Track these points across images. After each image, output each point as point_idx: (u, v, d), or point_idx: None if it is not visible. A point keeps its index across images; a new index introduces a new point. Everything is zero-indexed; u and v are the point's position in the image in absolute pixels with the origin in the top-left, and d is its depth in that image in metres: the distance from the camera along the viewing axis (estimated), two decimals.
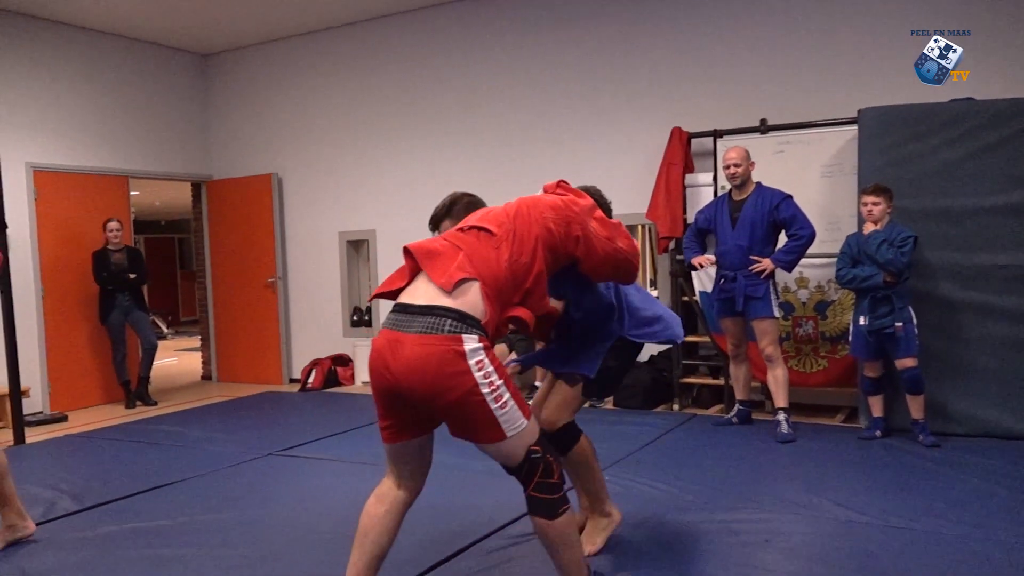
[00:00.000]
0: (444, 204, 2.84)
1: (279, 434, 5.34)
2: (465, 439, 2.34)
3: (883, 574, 2.76)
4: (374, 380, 2.30)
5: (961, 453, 4.34)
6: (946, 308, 4.81)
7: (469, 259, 2.30)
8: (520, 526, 3.35)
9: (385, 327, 2.29)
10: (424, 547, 3.11)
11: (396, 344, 2.22)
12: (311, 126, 7.82)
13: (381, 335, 2.29)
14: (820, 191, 5.52)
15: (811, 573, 2.79)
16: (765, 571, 2.82)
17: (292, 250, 7.97)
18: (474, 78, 7.04)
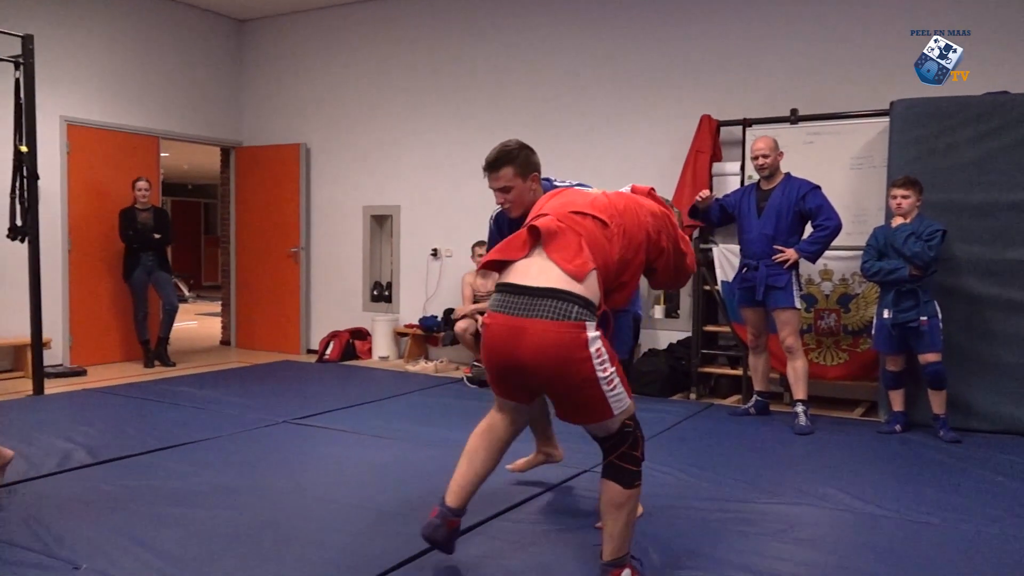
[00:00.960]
0: (510, 148, 2.93)
1: (295, 403, 5.37)
2: (572, 420, 2.41)
3: (898, 567, 2.73)
4: (493, 359, 2.38)
5: (981, 449, 4.29)
6: (972, 303, 4.74)
7: (590, 247, 2.35)
8: (531, 506, 3.34)
9: (500, 310, 2.32)
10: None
11: (520, 330, 2.25)
12: (341, 99, 7.82)
13: (499, 319, 2.32)
14: (848, 183, 5.45)
15: (826, 564, 2.76)
16: (779, 560, 2.79)
17: (316, 221, 7.99)
18: (503, 61, 6.99)
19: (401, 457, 4.06)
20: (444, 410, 5.25)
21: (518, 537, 2.98)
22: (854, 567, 2.72)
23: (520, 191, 2.99)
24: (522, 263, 2.36)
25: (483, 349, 2.44)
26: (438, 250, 7.36)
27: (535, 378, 2.30)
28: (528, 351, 2.25)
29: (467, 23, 7.17)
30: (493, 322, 2.35)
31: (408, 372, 6.76)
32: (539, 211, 2.60)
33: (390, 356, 7.37)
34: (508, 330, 2.28)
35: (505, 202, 3.04)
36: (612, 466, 2.39)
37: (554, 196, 2.67)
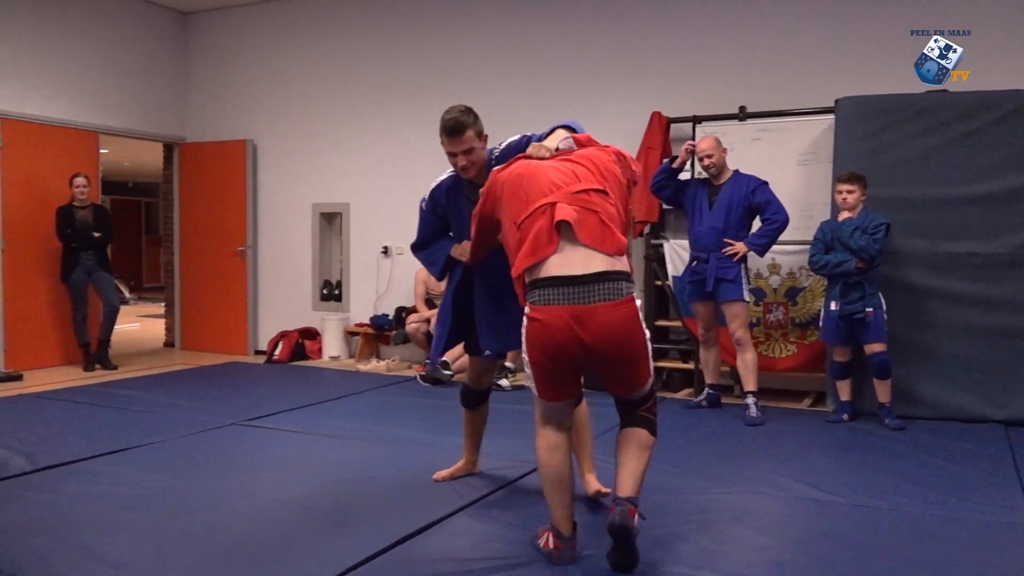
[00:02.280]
0: (465, 111, 3.08)
1: (243, 404, 5.25)
2: (620, 389, 2.61)
3: (853, 551, 2.78)
4: (554, 351, 2.44)
5: (926, 435, 4.41)
6: (915, 295, 4.86)
7: (610, 221, 2.50)
8: (488, 503, 3.33)
9: (557, 302, 2.39)
10: (393, 522, 3.06)
11: (584, 317, 2.37)
12: (289, 94, 7.68)
13: (556, 311, 2.39)
14: (795, 179, 5.55)
15: (783, 550, 2.80)
16: (737, 548, 2.83)
17: (263, 219, 7.84)
18: (454, 57, 6.95)
19: (356, 457, 4.00)
20: (397, 409, 5.20)
21: (479, 533, 2.96)
22: (811, 552, 2.77)
23: (479, 152, 3.11)
24: (557, 257, 2.44)
25: (539, 343, 2.46)
26: (389, 248, 7.28)
27: (598, 359, 2.44)
28: (595, 335, 2.38)
29: (417, 19, 7.11)
30: (550, 315, 2.40)
31: (360, 371, 6.67)
32: (518, 189, 2.60)
33: (341, 355, 7.27)
34: (572, 319, 2.38)
35: (468, 164, 3.10)
36: (640, 416, 2.63)
37: (527, 172, 2.66)
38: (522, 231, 2.53)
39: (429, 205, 3.38)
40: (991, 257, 4.74)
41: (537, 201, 2.54)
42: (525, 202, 2.57)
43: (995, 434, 4.44)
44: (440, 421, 4.77)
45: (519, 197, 2.61)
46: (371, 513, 3.15)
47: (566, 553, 2.64)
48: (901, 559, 2.71)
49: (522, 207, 2.57)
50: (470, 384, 3.49)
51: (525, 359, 2.58)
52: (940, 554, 2.76)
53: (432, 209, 3.37)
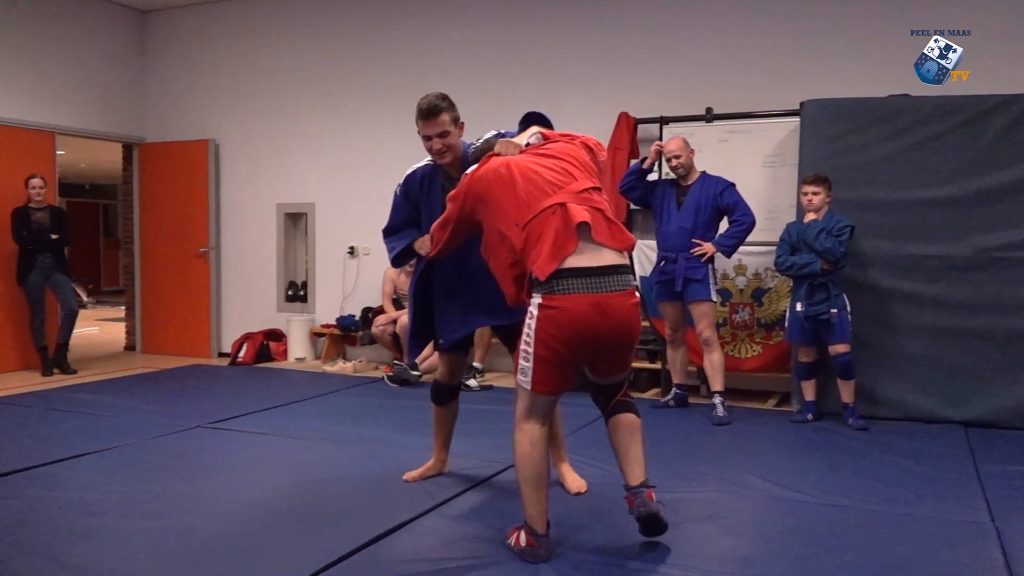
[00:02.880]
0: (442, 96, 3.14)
1: (208, 406, 5.17)
2: (612, 373, 2.75)
3: (821, 548, 2.81)
4: (576, 336, 2.51)
5: (888, 435, 4.48)
6: (878, 296, 4.94)
7: (615, 218, 2.65)
8: (459, 503, 3.31)
9: (581, 291, 2.49)
10: (364, 523, 3.04)
11: (604, 304, 2.50)
12: (252, 93, 7.58)
13: (581, 298, 2.48)
14: (761, 181, 5.61)
15: (753, 548, 2.83)
16: (707, 545, 2.85)
17: (227, 220, 7.73)
18: (422, 57, 6.92)
19: (324, 458, 3.96)
20: (365, 410, 5.15)
21: (451, 533, 2.94)
22: (779, 550, 2.79)
23: (454, 137, 3.15)
24: (581, 250, 2.53)
25: (556, 331, 2.50)
26: (355, 248, 7.22)
27: (607, 346, 2.58)
28: (612, 322, 2.52)
29: (384, 18, 7.07)
30: (573, 303, 2.49)
31: (326, 373, 6.61)
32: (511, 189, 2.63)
33: (306, 357, 7.19)
34: (593, 307, 2.49)
35: (443, 147, 3.13)
36: (622, 403, 2.79)
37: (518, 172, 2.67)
38: (529, 232, 2.57)
39: (403, 191, 3.38)
40: (951, 260, 4.83)
41: (541, 201, 2.58)
42: (526, 203, 2.60)
43: (954, 434, 4.53)
44: (408, 422, 4.75)
45: (516, 198, 2.62)
46: (341, 514, 3.11)
47: (540, 550, 2.64)
48: (868, 556, 2.75)
49: (523, 208, 2.60)
50: (441, 380, 3.49)
51: (527, 351, 2.57)
52: (905, 551, 2.80)
53: (405, 195, 3.37)
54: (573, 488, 3.38)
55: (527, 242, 2.57)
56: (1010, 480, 3.64)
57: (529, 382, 2.61)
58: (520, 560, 2.67)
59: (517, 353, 2.66)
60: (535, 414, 2.66)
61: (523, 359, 2.61)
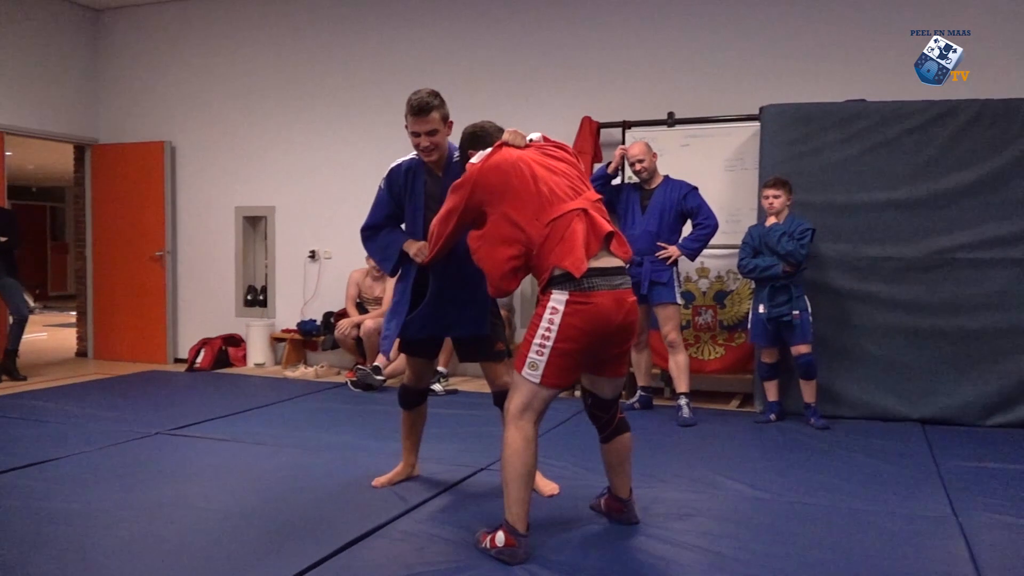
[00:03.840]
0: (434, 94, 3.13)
1: (167, 413, 5.06)
2: (616, 374, 2.88)
3: (796, 546, 2.85)
4: (600, 329, 2.64)
5: (849, 434, 4.57)
6: (838, 297, 5.04)
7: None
8: (431, 506, 3.29)
9: (605, 288, 2.64)
10: (335, 529, 2.99)
11: (622, 300, 2.68)
12: (210, 94, 7.45)
13: (607, 294, 2.63)
14: (723, 184, 5.68)
15: (729, 547, 2.84)
16: (679, 544, 2.86)
17: (183, 223, 7.58)
18: (383, 57, 6.88)
19: (291, 464, 3.89)
20: (329, 415, 5.09)
21: (422, 539, 2.91)
22: (755, 549, 2.82)
23: (443, 136, 3.15)
24: (598, 253, 2.69)
25: (584, 325, 2.61)
26: (316, 252, 7.14)
27: (620, 338, 2.74)
28: (627, 316, 2.70)
29: (345, 19, 7.01)
30: (603, 298, 2.63)
31: (287, 378, 6.51)
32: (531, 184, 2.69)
33: (266, 362, 7.07)
34: (615, 301, 2.65)
35: (431, 145, 3.13)
36: (622, 421, 2.99)
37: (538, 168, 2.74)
38: (552, 229, 2.65)
39: (386, 184, 3.32)
40: (907, 261, 4.95)
41: (565, 203, 2.69)
42: (549, 201, 2.68)
43: (913, 432, 4.64)
44: (374, 427, 4.70)
45: (537, 194, 2.69)
46: (312, 520, 3.06)
47: (520, 550, 2.64)
48: (841, 552, 2.79)
49: (546, 206, 2.67)
50: (408, 384, 3.45)
51: (544, 344, 2.62)
52: (875, 547, 2.85)
53: (389, 189, 3.31)
54: (546, 491, 3.38)
55: (548, 239, 2.65)
56: (968, 475, 3.73)
57: (539, 375, 2.65)
58: (496, 562, 2.65)
59: (524, 347, 2.69)
60: (533, 410, 2.69)
61: (535, 353, 2.64)
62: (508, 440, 2.67)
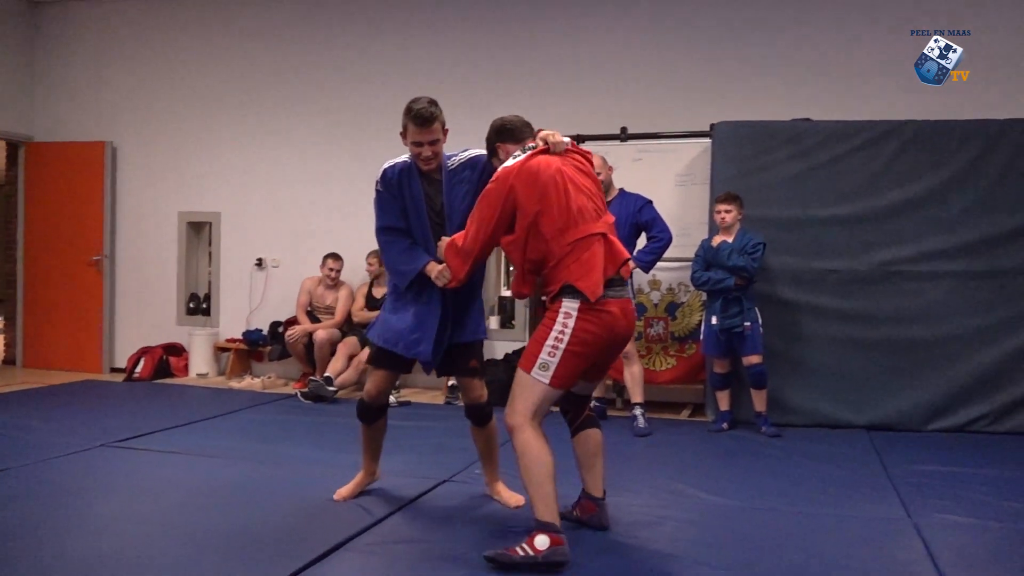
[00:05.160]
0: (433, 102, 3.06)
1: (110, 424, 4.87)
2: (599, 378, 3.06)
3: (762, 551, 2.91)
4: (605, 336, 2.75)
5: (800, 441, 4.69)
6: (786, 309, 5.17)
7: None
8: (397, 519, 3.25)
9: (617, 297, 2.78)
10: (301, 543, 2.93)
11: (625, 308, 2.82)
12: (155, 95, 7.24)
13: (615, 303, 2.75)
14: (674, 199, 5.77)
15: (697, 553, 2.87)
16: (655, 553, 2.90)
17: (123, 227, 7.33)
18: (336, 65, 6.81)
19: (246, 478, 3.79)
20: (281, 427, 4.98)
21: (389, 553, 2.87)
22: (722, 555, 2.86)
23: (442, 145, 3.13)
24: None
25: (602, 331, 2.72)
26: (263, 260, 6.99)
27: (621, 343, 2.87)
28: (630, 323, 2.85)
29: (296, 25, 6.91)
30: (616, 307, 2.76)
31: (232, 389, 6.34)
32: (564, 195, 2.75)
33: (209, 373, 6.89)
34: (621, 309, 2.78)
35: (432, 154, 3.09)
36: (590, 417, 3.10)
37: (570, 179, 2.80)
38: (574, 248, 2.74)
39: (384, 187, 3.20)
40: (852, 274, 5.12)
41: (589, 224, 2.78)
42: (575, 221, 2.75)
43: (859, 438, 4.79)
44: (329, 438, 4.62)
45: (567, 210, 2.75)
46: (277, 535, 2.99)
47: (566, 547, 2.61)
48: (807, 557, 2.86)
49: (572, 224, 2.75)
50: (368, 399, 3.34)
51: (557, 347, 2.69)
52: (839, 550, 2.93)
53: (388, 190, 3.20)
54: (512, 503, 3.37)
55: (568, 256, 2.73)
56: (917, 479, 3.87)
57: (550, 376, 2.72)
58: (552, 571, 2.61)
59: (534, 350, 2.73)
60: (539, 413, 2.76)
61: (547, 355, 2.71)
62: (525, 445, 2.69)
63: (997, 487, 3.73)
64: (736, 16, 5.95)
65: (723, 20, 5.98)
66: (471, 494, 3.56)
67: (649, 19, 6.13)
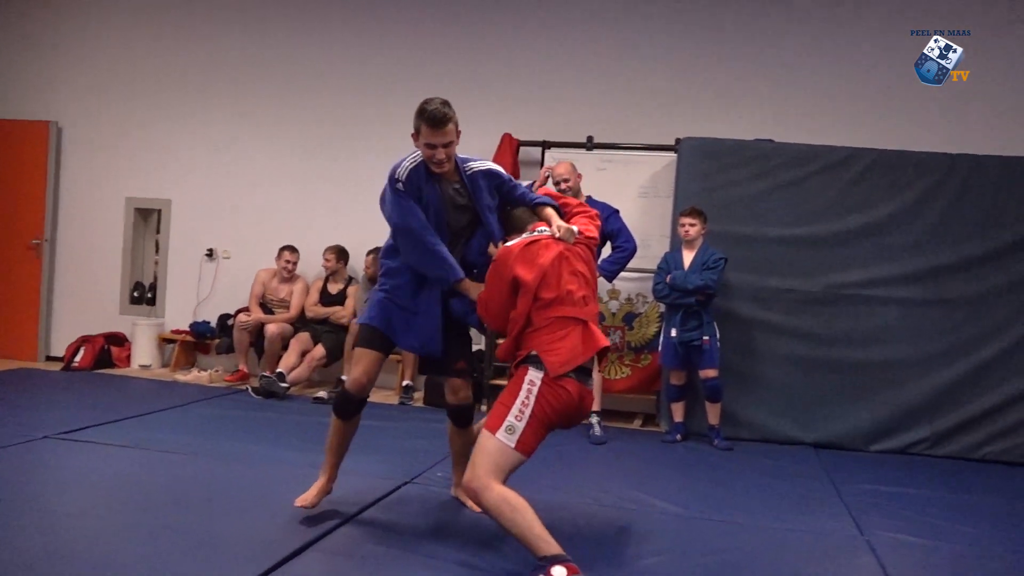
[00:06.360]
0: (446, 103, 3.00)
1: (52, 416, 4.69)
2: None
3: (727, 564, 2.96)
4: (563, 411, 2.81)
5: (751, 455, 4.79)
6: (742, 325, 5.28)
7: None
8: (365, 519, 3.21)
9: (573, 379, 2.81)
10: (267, 544, 2.87)
11: (583, 395, 2.86)
12: (105, 76, 6.99)
13: (574, 385, 2.81)
14: (635, 210, 5.84)
15: (664, 564, 2.91)
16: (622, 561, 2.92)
17: (66, 211, 7.06)
18: (292, 56, 6.69)
19: (204, 473, 3.70)
20: (234, 422, 4.86)
21: (357, 553, 2.84)
22: (691, 566, 2.90)
23: (455, 146, 3.05)
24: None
25: (561, 402, 2.78)
26: (214, 250, 6.82)
27: (575, 423, 2.97)
28: (584, 409, 2.92)
29: (251, 11, 6.76)
30: (571, 386, 2.82)
31: (178, 382, 6.16)
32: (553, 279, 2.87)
33: (153, 364, 6.68)
34: (579, 395, 2.85)
35: (445, 158, 3.03)
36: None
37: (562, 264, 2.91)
38: (552, 324, 2.83)
39: (406, 192, 3.06)
40: (807, 294, 5.26)
41: (574, 308, 2.87)
42: (561, 300, 2.85)
43: (807, 455, 4.92)
44: (283, 435, 4.55)
45: (558, 288, 2.86)
46: (241, 535, 2.92)
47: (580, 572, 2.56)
48: (769, 571, 2.92)
49: (557, 303, 2.84)
50: (351, 389, 3.16)
51: (524, 412, 2.74)
52: (799, 564, 3.02)
53: (406, 188, 3.06)
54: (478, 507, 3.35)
55: (544, 329, 2.83)
56: (866, 496, 3.99)
57: (516, 439, 2.73)
58: (432, 572, 2.61)
59: (501, 411, 2.76)
60: (502, 476, 2.73)
61: (514, 417, 2.74)
62: (498, 501, 2.65)
63: (943, 509, 3.87)
64: (707, 32, 6.06)
65: (693, 36, 6.07)
66: (436, 496, 3.56)
67: (619, 30, 6.19)
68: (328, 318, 6.21)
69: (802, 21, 5.94)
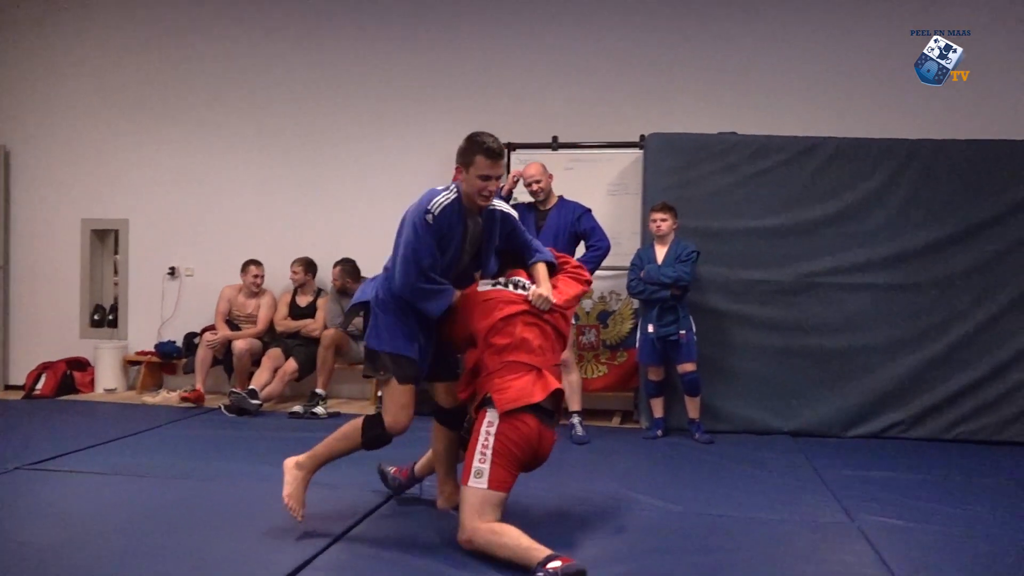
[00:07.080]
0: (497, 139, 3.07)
1: (20, 445, 4.53)
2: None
3: (721, 557, 2.96)
4: (525, 444, 2.93)
5: (732, 447, 4.83)
6: (716, 318, 5.31)
7: None
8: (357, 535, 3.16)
9: (532, 415, 2.94)
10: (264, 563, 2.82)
11: (543, 434, 3.00)
12: (55, 96, 6.81)
13: (533, 421, 2.94)
14: (606, 208, 5.85)
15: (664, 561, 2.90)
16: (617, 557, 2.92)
17: (18, 236, 6.86)
18: (249, 70, 6.59)
19: (187, 497, 3.60)
20: (211, 442, 4.75)
21: (356, 568, 2.79)
22: (689, 562, 2.89)
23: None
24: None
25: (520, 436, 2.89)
26: (176, 269, 6.67)
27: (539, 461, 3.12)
28: (544, 448, 3.07)
29: (209, 28, 6.64)
30: (530, 421, 2.94)
31: (146, 404, 6.00)
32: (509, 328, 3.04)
33: (118, 388, 6.50)
34: (539, 432, 2.99)
35: (496, 190, 3.06)
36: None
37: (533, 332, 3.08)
38: (506, 368, 2.97)
39: (433, 227, 2.98)
40: (778, 284, 5.31)
41: (528, 355, 3.01)
42: (517, 347, 3.00)
43: (786, 444, 4.97)
44: (259, 452, 4.45)
45: (510, 336, 3.00)
46: (235, 556, 2.85)
47: (576, 562, 2.59)
48: (765, 561, 2.93)
49: (513, 348, 3.00)
50: (395, 431, 3.12)
51: (485, 453, 2.88)
52: (793, 554, 3.03)
53: (438, 228, 2.99)
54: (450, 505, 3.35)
55: (496, 373, 2.97)
56: (851, 483, 4.04)
57: (486, 480, 2.86)
58: None
59: (469, 460, 2.91)
60: (487, 515, 2.84)
61: (478, 462, 2.88)
62: (489, 536, 2.78)
63: (925, 490, 3.93)
64: (667, 28, 6.10)
65: (654, 32, 6.11)
66: (424, 506, 3.51)
67: (579, 28, 6.21)
68: (299, 331, 6.11)
69: (761, 16, 6.01)
